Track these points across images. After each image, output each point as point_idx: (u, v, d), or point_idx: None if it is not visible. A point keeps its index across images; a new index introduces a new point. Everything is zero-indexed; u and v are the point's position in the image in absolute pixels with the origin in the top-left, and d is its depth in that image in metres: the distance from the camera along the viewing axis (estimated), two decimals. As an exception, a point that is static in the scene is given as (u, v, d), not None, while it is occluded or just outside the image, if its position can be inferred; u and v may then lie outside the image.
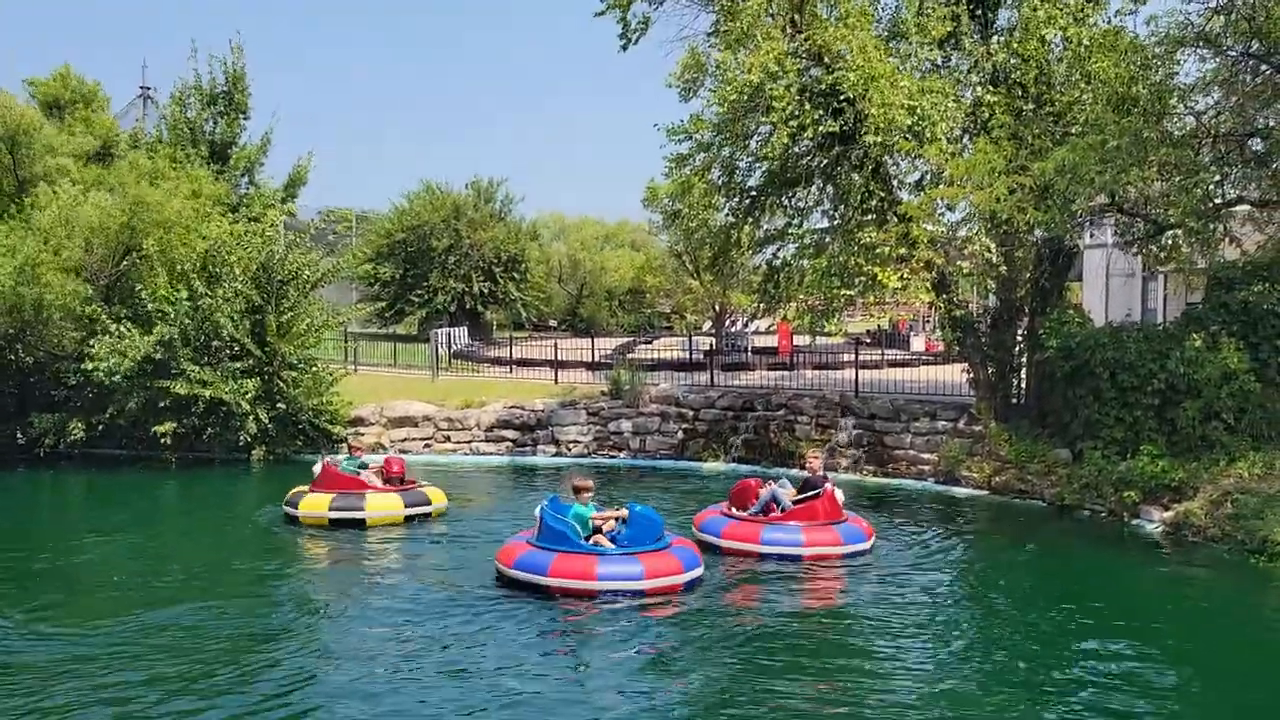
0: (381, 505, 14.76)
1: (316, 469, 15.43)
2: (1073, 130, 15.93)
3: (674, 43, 18.39)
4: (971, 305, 21.91)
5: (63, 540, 14.12)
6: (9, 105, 21.42)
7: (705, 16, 18.00)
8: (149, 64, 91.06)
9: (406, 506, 14.85)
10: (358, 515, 14.58)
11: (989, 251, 16.33)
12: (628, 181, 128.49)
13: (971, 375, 18.56)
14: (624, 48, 18.35)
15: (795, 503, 13.41)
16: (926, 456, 18.58)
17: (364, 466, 15.66)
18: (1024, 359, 18.36)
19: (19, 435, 20.64)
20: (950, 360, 21.80)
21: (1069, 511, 15.79)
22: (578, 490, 12.05)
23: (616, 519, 11.84)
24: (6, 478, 19.09)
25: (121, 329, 19.86)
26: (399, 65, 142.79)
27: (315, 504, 14.74)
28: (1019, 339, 18.43)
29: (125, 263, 20.82)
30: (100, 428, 20.31)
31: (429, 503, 15.13)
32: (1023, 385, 18.55)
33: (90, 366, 19.58)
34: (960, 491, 17.53)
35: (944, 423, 18.66)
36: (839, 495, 13.43)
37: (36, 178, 21.46)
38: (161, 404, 19.80)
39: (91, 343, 19.84)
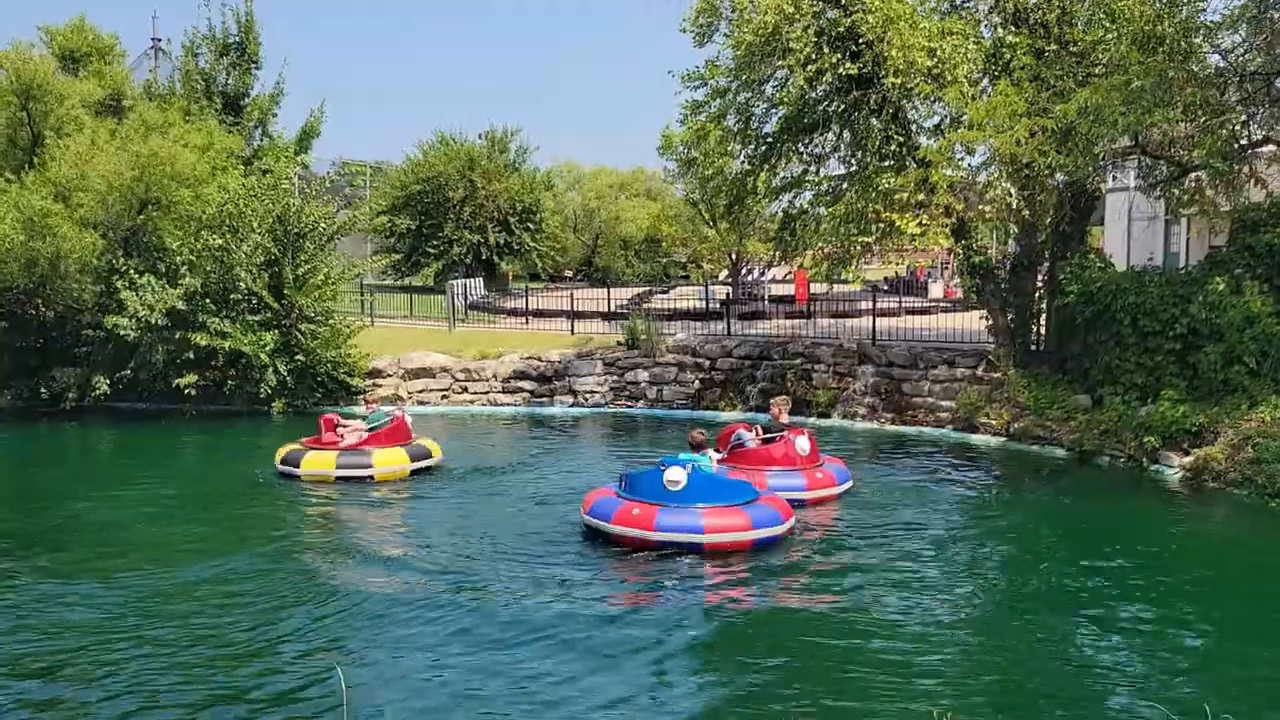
0: (315, 463, 14.59)
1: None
2: (1096, 71, 15.64)
3: (687, -13, 18.08)
4: (991, 251, 21.73)
5: (90, 495, 14.29)
6: (25, 57, 21.33)
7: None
8: (160, 16, 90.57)
9: (338, 468, 14.56)
10: (294, 471, 14.55)
11: (1009, 196, 16.14)
12: (643, 131, 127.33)
13: (990, 322, 18.44)
14: (643, -4, 18.10)
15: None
16: (945, 404, 18.54)
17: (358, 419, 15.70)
18: (1044, 305, 18.22)
19: (43, 390, 20.80)
20: (969, 307, 21.68)
21: (1088, 458, 15.75)
22: (702, 444, 12.06)
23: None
24: (31, 433, 19.30)
25: (147, 281, 19.89)
26: (402, 29, 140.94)
27: (279, 454, 14.89)
28: (1039, 285, 18.28)
29: (141, 216, 20.82)
30: (123, 382, 20.45)
31: (369, 465, 14.65)
32: (1042, 332, 18.44)
33: (114, 322, 19.66)
34: (978, 439, 17.50)
35: (962, 370, 18.59)
36: (802, 443, 13.45)
37: (52, 130, 21.42)
38: (183, 357, 19.91)
39: (116, 295, 19.88)
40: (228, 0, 30.35)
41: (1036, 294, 18.29)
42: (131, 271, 20.04)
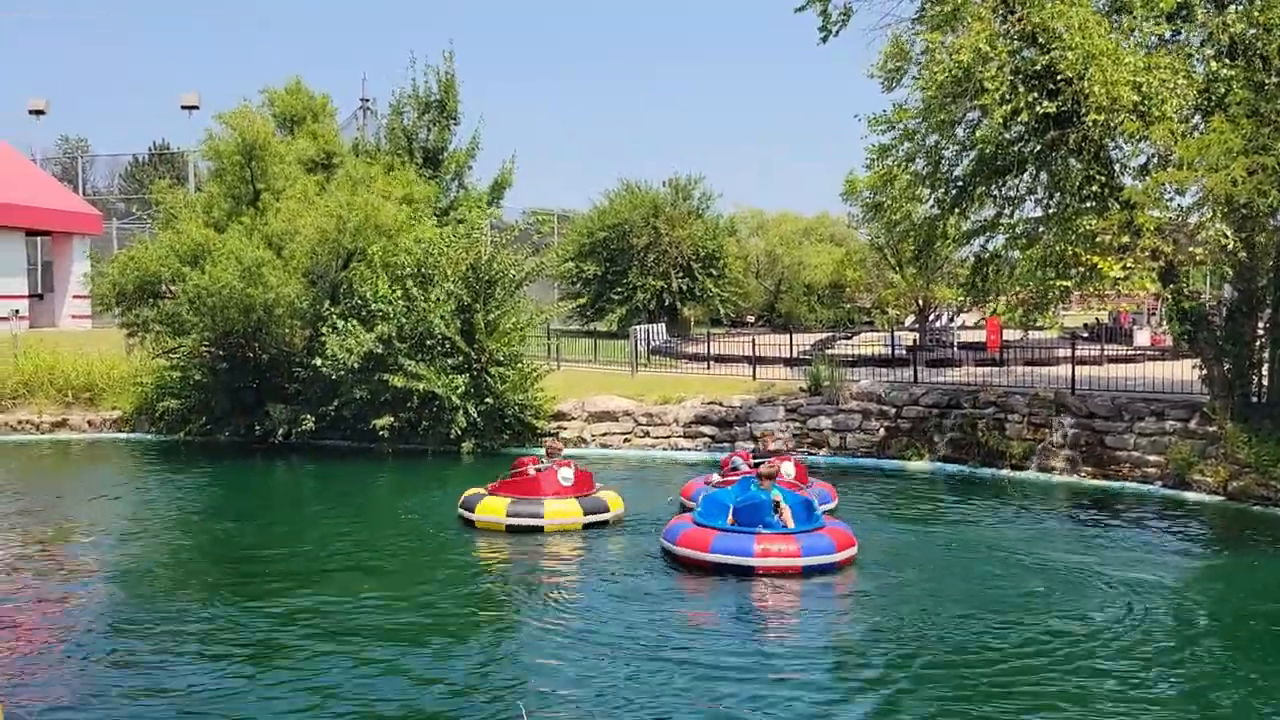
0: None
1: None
2: (1324, 103, 14.47)
3: (876, 30, 17.82)
4: (1204, 296, 20.35)
5: (295, 526, 15.21)
6: (249, 120, 23.09)
7: (909, 3, 17.46)
8: (368, 77, 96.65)
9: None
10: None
11: (1224, 238, 15.05)
12: (826, 174, 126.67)
13: (1204, 372, 17.20)
14: (824, 40, 18.00)
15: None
16: (1152, 458, 17.37)
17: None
18: (1266, 354, 16.87)
19: (256, 427, 22.25)
20: (1179, 356, 20.32)
21: (1320, 521, 14.41)
22: (773, 476, 13.03)
23: None
24: (249, 465, 20.63)
25: (349, 326, 21.01)
26: (596, 81, 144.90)
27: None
28: (1260, 332, 16.95)
29: (346, 271, 22.04)
30: (328, 419, 21.62)
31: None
32: (1264, 383, 17.06)
33: (320, 362, 20.85)
34: (1191, 496, 16.31)
35: (1172, 422, 17.38)
36: (788, 469, 14.59)
37: (271, 186, 23.06)
38: (381, 398, 20.90)
39: (322, 339, 21.12)
40: (431, 61, 32.17)
41: (1257, 342, 16.96)
42: (334, 316, 21.24)
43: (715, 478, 15.12)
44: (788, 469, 14.77)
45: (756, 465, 14.42)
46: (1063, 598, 11.09)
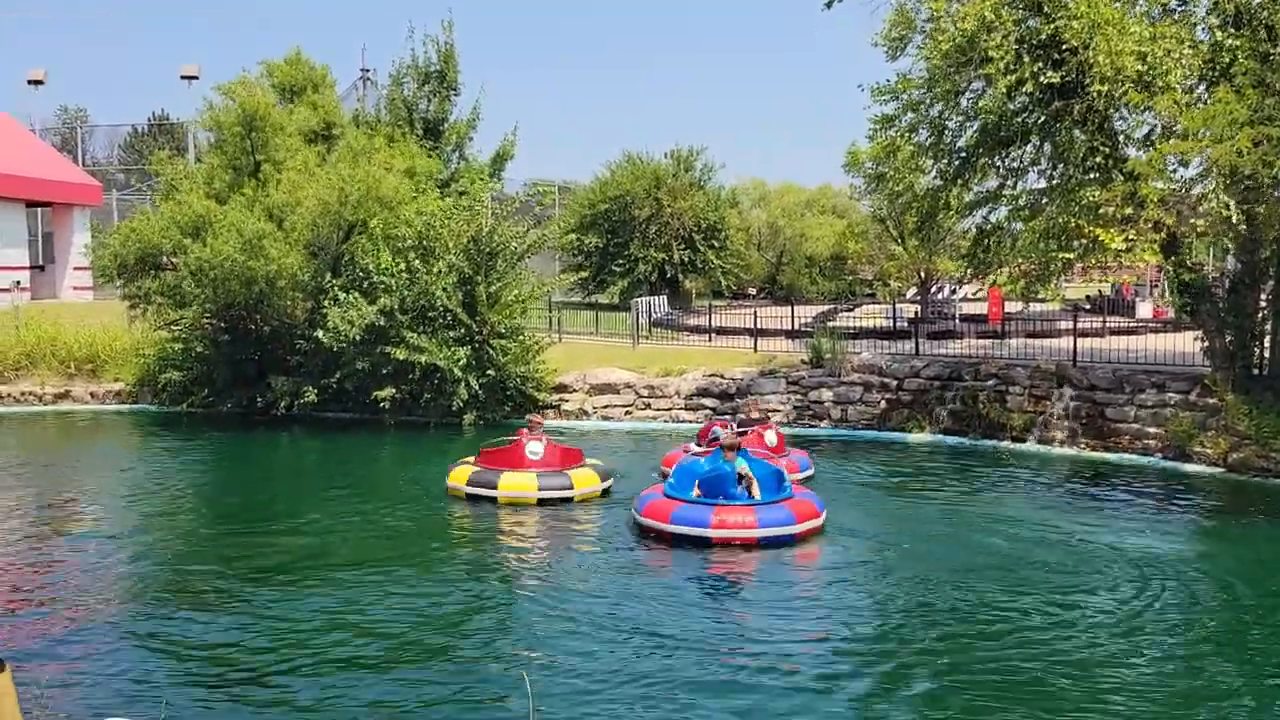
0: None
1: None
2: (1331, 74, 14.37)
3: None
4: (1206, 268, 20.31)
5: (295, 497, 15.25)
6: (249, 90, 22.97)
7: (914, -30, 17.29)
8: (368, 48, 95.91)
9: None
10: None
11: (1227, 210, 14.99)
12: (828, 148, 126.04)
13: (1206, 344, 17.20)
14: (829, 5, 17.90)
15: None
16: (1152, 430, 17.40)
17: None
18: (1267, 326, 16.86)
19: (259, 399, 22.28)
20: (1181, 328, 20.33)
21: (1319, 493, 14.46)
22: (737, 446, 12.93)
23: None
24: (251, 437, 20.67)
25: (351, 298, 20.99)
26: (595, 68, 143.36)
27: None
28: (1261, 304, 16.94)
29: (348, 244, 21.98)
30: (330, 391, 21.64)
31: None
32: (1265, 354, 17.06)
33: (322, 334, 20.84)
34: (1191, 468, 16.36)
35: (1174, 394, 17.40)
36: (770, 437, 15.30)
37: (271, 158, 22.96)
38: (383, 370, 20.90)
39: (324, 311, 21.10)
40: (430, 31, 31.96)
41: (1259, 314, 16.95)
42: (336, 289, 21.22)
43: (694, 448, 15.15)
44: (770, 437, 15.09)
45: (741, 434, 14.48)
46: (1063, 568, 11.15)
